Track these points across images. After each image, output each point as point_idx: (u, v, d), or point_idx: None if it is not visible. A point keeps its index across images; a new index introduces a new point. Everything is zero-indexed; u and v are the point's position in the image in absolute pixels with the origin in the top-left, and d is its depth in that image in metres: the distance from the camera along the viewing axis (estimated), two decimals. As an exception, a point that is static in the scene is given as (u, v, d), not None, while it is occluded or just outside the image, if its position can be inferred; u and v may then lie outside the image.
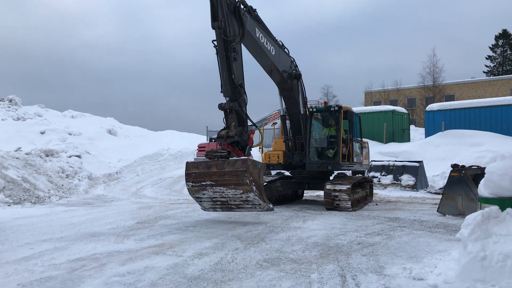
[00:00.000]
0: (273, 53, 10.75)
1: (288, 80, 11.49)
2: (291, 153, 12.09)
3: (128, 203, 13.03)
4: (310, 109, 12.08)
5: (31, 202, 12.33)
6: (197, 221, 9.04)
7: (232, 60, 9.05)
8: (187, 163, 8.87)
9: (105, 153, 21.49)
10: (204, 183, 8.44)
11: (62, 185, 14.93)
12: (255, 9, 10.08)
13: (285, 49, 11.45)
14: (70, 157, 17.79)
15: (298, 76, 11.77)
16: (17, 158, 15.02)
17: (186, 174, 8.69)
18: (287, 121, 12.46)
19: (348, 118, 11.92)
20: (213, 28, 9.06)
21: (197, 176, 8.52)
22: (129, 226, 8.42)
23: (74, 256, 5.92)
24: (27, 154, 15.68)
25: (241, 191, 8.12)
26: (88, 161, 18.46)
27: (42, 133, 21.65)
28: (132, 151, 23.44)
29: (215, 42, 9.12)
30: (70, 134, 22.35)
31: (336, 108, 11.80)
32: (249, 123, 9.59)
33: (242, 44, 9.64)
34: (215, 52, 9.16)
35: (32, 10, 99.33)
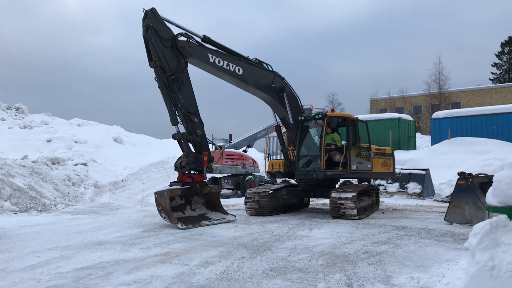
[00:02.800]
0: (240, 73, 11.09)
1: (275, 94, 11.70)
2: (290, 162, 12.16)
3: (134, 211, 13.04)
4: (299, 118, 12.10)
5: (37, 210, 12.37)
6: (203, 229, 9.03)
7: (177, 91, 9.88)
8: (155, 193, 10.22)
9: (111, 161, 21.57)
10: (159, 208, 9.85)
11: (68, 193, 14.98)
12: (209, 37, 10.67)
13: (264, 65, 11.70)
14: (76, 165, 17.86)
15: (281, 89, 11.84)
16: (24, 166, 15.10)
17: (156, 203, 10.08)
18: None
19: (331, 126, 11.70)
20: (150, 67, 9.94)
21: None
22: (135, 235, 8.42)
23: (80, 264, 5.92)
24: (33, 162, 15.76)
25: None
26: (94, 169, 18.52)
27: (49, 141, 21.78)
28: (138, 159, 23.51)
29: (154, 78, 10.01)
30: (76, 142, 22.48)
31: (320, 116, 11.77)
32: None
33: (201, 69, 10.62)
34: (158, 86, 10.01)
35: (37, 17, 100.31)
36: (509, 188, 4.31)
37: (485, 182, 9.59)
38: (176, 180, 10.25)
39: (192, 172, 10.25)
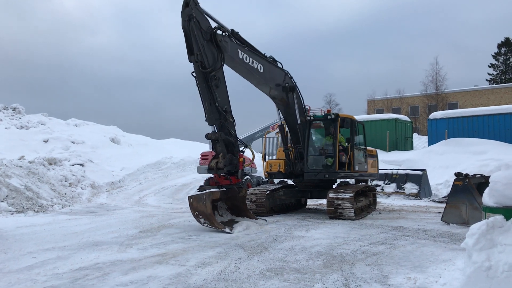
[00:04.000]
0: (262, 71, 10.89)
1: (284, 93, 11.59)
2: (291, 162, 12.10)
3: (131, 212, 13.02)
4: (308, 118, 12.09)
5: (34, 210, 12.33)
6: (200, 230, 9.02)
7: (214, 88, 9.32)
8: (188, 197, 9.42)
9: (108, 162, 21.53)
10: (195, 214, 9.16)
11: (65, 194, 14.94)
12: (237, 32, 10.22)
13: (278, 63, 11.54)
14: (73, 165, 17.82)
15: (292, 89, 11.82)
16: (20, 166, 15.05)
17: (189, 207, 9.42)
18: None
19: (345, 126, 11.85)
20: (190, 61, 9.34)
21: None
22: (132, 235, 8.40)
23: (77, 265, 5.90)
24: (30, 163, 15.72)
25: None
26: (91, 170, 18.48)
27: (46, 141, 21.71)
28: (135, 159, 23.47)
29: (194, 74, 9.41)
30: (73, 142, 22.41)
31: (333, 116, 11.77)
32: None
33: (227, 66, 9.93)
34: (196, 83, 9.44)
35: (34, 16, 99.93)
36: (505, 188, 4.33)
37: (482, 182, 9.62)
38: (209, 183, 9.68)
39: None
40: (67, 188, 15.55)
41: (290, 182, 13.48)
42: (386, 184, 16.87)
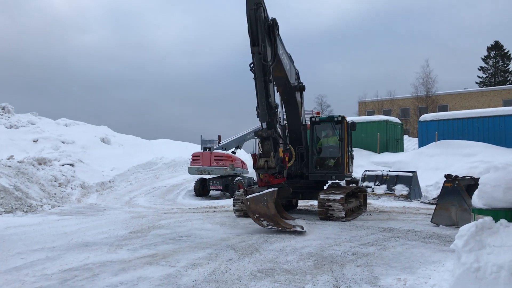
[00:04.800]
0: (288, 68, 10.69)
1: (294, 92, 11.54)
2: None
3: (121, 212, 12.95)
4: (313, 119, 12.11)
5: (23, 211, 12.22)
6: (190, 230, 8.99)
7: (269, 83, 8.93)
8: (244, 200, 9.21)
9: (98, 162, 21.41)
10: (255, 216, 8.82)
11: (55, 194, 14.83)
12: (277, 22, 9.60)
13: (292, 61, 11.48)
14: (63, 165, 17.71)
15: (302, 88, 11.82)
16: (9, 166, 14.92)
17: (247, 208, 9.17)
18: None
19: (351, 129, 12.00)
20: (252, 53, 8.82)
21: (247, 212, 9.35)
22: (122, 236, 8.36)
23: (66, 266, 5.86)
24: (19, 163, 15.58)
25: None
26: (81, 170, 18.38)
27: (35, 141, 21.55)
28: (125, 160, 23.37)
29: (251, 66, 8.93)
30: (63, 142, 22.28)
31: (340, 118, 11.85)
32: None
33: None
34: (253, 77, 8.93)
35: (22, 14, 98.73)
36: (494, 190, 4.37)
37: (471, 184, 9.70)
38: (259, 184, 9.13)
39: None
40: (56, 188, 15.44)
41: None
42: (377, 185, 16.93)
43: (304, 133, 11.97)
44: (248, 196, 8.77)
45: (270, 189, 8.71)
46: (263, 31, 8.71)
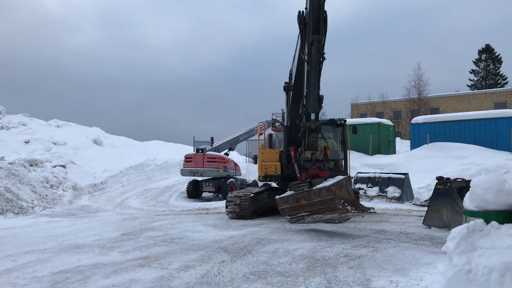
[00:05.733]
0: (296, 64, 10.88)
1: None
2: (291, 165, 12.02)
3: (113, 214, 12.90)
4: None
5: (13, 212, 12.13)
6: (183, 232, 8.97)
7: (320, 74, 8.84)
8: (276, 199, 8.91)
9: (90, 163, 21.30)
10: (299, 214, 8.57)
11: (46, 196, 14.73)
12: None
13: None
14: (54, 167, 17.58)
15: None
16: (0, 167, 14.79)
17: (280, 210, 8.87)
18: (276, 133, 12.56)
19: (353, 132, 12.07)
20: (311, 41, 8.71)
21: (291, 210, 8.67)
22: (114, 238, 8.32)
23: (57, 268, 5.82)
24: (10, 164, 15.46)
25: (337, 214, 8.29)
26: (73, 171, 18.26)
27: (27, 142, 21.40)
28: (117, 161, 23.26)
29: (303, 52, 8.87)
30: (55, 143, 22.13)
31: (343, 122, 11.90)
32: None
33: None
34: (308, 65, 8.77)
35: (13, 14, 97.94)
36: (485, 193, 4.40)
37: (463, 186, 9.74)
38: (306, 176, 8.80)
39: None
40: (48, 189, 15.33)
41: (274, 184, 13.47)
42: (369, 187, 16.98)
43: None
44: (332, 182, 8.34)
45: (339, 177, 8.59)
46: (323, 19, 8.65)
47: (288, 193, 8.74)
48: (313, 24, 8.71)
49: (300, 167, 9.10)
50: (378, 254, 6.65)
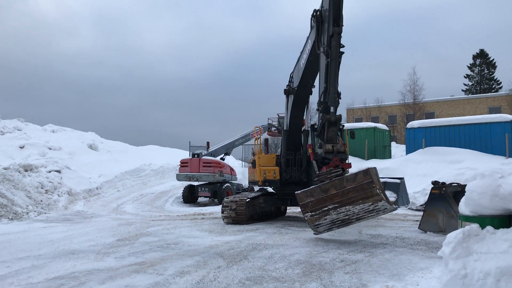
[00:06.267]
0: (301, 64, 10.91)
1: (308, 94, 11.67)
2: (289, 169, 12.00)
3: (108, 220, 12.85)
4: (315, 126, 12.17)
5: (8, 218, 12.06)
6: (178, 238, 8.94)
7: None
8: (297, 194, 8.20)
9: (86, 168, 21.23)
10: (325, 208, 7.87)
11: (41, 201, 14.65)
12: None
13: None
14: (49, 172, 17.51)
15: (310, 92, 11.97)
16: (-5, 173, 14.71)
17: (302, 205, 8.07)
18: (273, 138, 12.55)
19: (351, 137, 12.06)
20: (331, 33, 8.69)
21: (316, 203, 7.93)
22: (109, 243, 8.28)
23: (52, 274, 5.79)
24: (5, 169, 15.37)
25: (370, 203, 7.69)
26: (68, 176, 18.19)
27: (22, 147, 21.31)
28: (113, 166, 23.20)
29: (322, 47, 8.89)
30: (50, 148, 22.05)
31: (341, 127, 11.92)
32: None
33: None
34: (327, 57, 8.73)
35: (7, 18, 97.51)
36: (480, 198, 4.41)
37: (458, 191, 9.77)
38: (327, 167, 8.44)
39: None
40: (43, 195, 15.25)
41: (270, 189, 13.47)
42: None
43: (304, 139, 11.98)
44: (369, 168, 7.95)
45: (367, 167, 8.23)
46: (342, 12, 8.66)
47: (313, 186, 8.16)
48: (333, 16, 8.72)
49: (319, 163, 8.75)
50: (374, 259, 6.66)
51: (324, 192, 7.86)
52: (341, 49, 8.89)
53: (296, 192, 8.23)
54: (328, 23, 8.87)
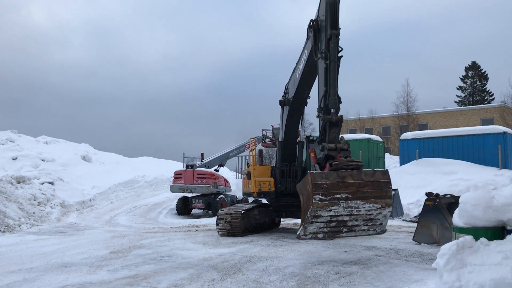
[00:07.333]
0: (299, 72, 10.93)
1: (305, 105, 11.71)
2: (284, 180, 11.99)
3: (101, 232, 12.75)
4: (310, 137, 12.18)
5: (0, 230, 11.94)
6: (172, 250, 8.88)
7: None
8: (311, 173, 7.56)
9: (79, 180, 21.12)
10: (338, 195, 7.32)
11: (34, 213, 14.53)
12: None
13: None
14: (42, 184, 17.41)
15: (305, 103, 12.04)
16: (-13, 185, 14.59)
17: (314, 185, 7.32)
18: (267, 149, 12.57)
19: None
20: (329, 36, 8.83)
21: (330, 187, 7.31)
22: (102, 256, 8.21)
23: (44, 288, 5.72)
24: (-3, 181, 15.26)
25: (379, 205, 7.38)
26: (61, 188, 18.08)
27: (14, 159, 21.19)
28: (106, 178, 23.10)
29: (320, 51, 9.02)
30: (43, 160, 21.93)
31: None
32: None
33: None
34: (325, 60, 8.81)
35: (0, 28, 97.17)
36: (474, 209, 4.43)
37: (452, 202, 9.80)
38: (340, 162, 8.05)
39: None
40: (35, 207, 15.13)
41: (264, 201, 13.43)
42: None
43: (299, 151, 12.00)
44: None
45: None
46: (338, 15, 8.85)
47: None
48: (330, 20, 8.89)
49: (322, 165, 8.32)
50: (369, 271, 6.64)
51: (340, 179, 7.42)
52: (340, 54, 8.99)
53: (310, 171, 7.74)
54: (325, 27, 9.02)
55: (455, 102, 56.90)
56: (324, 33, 9.07)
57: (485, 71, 55.58)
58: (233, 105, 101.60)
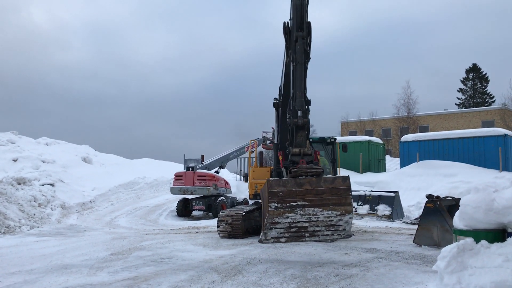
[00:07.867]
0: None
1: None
2: None
3: (101, 233, 12.75)
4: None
5: (0, 232, 11.94)
6: (172, 252, 8.88)
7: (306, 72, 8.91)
8: (268, 180, 7.61)
9: (79, 182, 21.13)
10: (294, 203, 7.38)
11: (34, 214, 14.53)
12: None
13: None
14: (43, 185, 17.41)
15: (308, 103, 12.06)
16: (-13, 186, 14.60)
17: (270, 193, 7.42)
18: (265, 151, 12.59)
19: (343, 150, 12.13)
20: (295, 38, 8.86)
21: (287, 195, 7.38)
22: (103, 258, 8.21)
23: (44, 289, 5.72)
24: (-2, 182, 15.27)
25: (339, 212, 7.34)
26: (62, 190, 18.08)
27: (15, 160, 21.20)
28: (107, 179, 23.10)
29: (289, 54, 9.07)
30: (43, 161, 21.93)
31: (333, 140, 11.97)
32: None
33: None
34: (292, 62, 8.84)
35: (1, 30, 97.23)
36: (475, 212, 4.43)
37: (452, 205, 9.79)
38: (299, 169, 8.19)
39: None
40: (36, 208, 15.13)
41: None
42: (360, 205, 16.98)
43: (274, 153, 12.03)
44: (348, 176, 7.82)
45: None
46: (306, 18, 8.85)
47: (287, 177, 7.59)
48: (296, 22, 8.95)
49: (288, 169, 8.48)
50: (369, 274, 6.63)
51: (298, 186, 7.45)
52: (312, 55, 9.05)
53: (268, 178, 7.82)
54: (292, 29, 9.03)
55: (456, 104, 57.04)
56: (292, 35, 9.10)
57: (485, 73, 55.71)
58: (233, 107, 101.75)
